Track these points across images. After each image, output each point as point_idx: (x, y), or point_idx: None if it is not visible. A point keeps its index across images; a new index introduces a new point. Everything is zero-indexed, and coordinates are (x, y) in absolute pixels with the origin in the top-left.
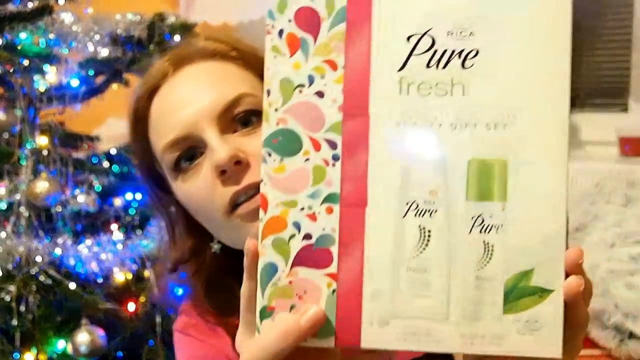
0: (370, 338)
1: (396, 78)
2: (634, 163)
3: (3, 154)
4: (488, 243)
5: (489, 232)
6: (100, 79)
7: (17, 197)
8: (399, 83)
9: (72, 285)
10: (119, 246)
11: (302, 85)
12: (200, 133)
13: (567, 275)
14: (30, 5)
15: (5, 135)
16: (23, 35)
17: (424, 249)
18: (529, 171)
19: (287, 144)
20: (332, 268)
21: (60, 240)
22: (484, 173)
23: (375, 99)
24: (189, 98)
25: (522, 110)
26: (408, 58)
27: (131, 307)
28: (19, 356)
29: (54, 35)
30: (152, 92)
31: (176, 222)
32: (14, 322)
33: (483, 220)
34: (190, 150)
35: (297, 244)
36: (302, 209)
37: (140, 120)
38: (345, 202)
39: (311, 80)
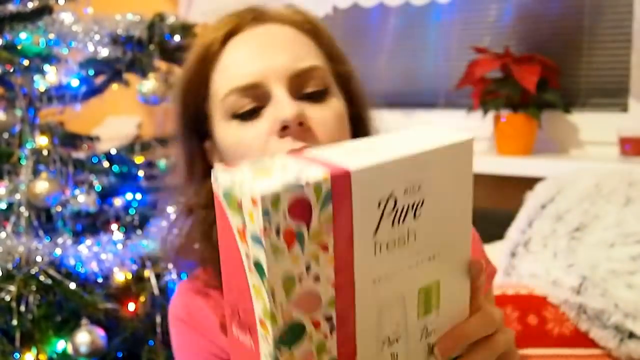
0: None
1: (371, 243)
2: (634, 163)
3: (3, 154)
4: (430, 343)
5: (430, 335)
6: (100, 79)
7: (17, 197)
8: (373, 247)
9: (72, 285)
10: (119, 246)
11: (301, 276)
12: (270, 86)
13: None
14: (30, 5)
15: (5, 135)
16: (23, 35)
17: None
18: (449, 284)
19: (293, 335)
20: None
21: (60, 240)
22: (428, 295)
23: (358, 267)
24: (267, 52)
25: (447, 242)
26: (379, 222)
27: (131, 307)
28: (19, 356)
29: (54, 35)
30: (228, 35)
31: (196, 166)
32: (14, 322)
33: (427, 329)
34: (255, 100)
35: None
36: None
37: (207, 59)
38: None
39: (308, 267)
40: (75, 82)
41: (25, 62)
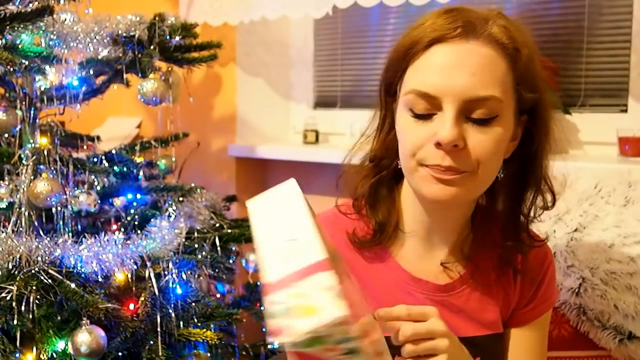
0: None
1: None
2: (634, 163)
3: (3, 154)
4: None
5: None
6: (100, 79)
7: (18, 197)
8: None
9: (73, 285)
10: (119, 246)
11: None
12: (444, 102)
13: None
14: (31, 5)
15: (6, 135)
16: (24, 35)
17: None
18: None
19: None
20: None
21: (60, 240)
22: None
23: None
24: (456, 71)
25: None
26: None
27: (131, 307)
28: (19, 356)
29: (55, 36)
30: (433, 41)
31: (385, 126)
32: (15, 321)
33: None
34: (429, 104)
35: None
36: None
37: (409, 53)
38: None
39: None
40: (75, 82)
41: (26, 62)
